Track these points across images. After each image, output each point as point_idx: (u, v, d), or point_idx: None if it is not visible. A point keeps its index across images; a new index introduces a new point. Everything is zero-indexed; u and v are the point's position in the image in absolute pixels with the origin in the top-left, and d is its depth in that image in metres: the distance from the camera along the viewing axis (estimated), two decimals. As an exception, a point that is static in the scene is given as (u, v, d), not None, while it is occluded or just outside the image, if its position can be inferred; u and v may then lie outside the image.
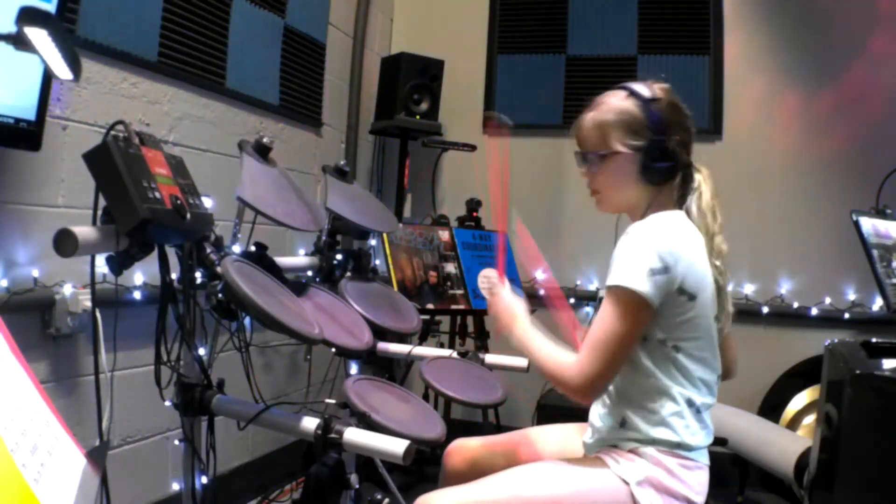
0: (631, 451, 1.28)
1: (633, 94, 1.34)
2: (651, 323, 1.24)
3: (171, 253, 1.46)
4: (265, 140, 1.80)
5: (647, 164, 1.31)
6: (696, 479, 1.27)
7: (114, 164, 1.19)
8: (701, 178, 1.37)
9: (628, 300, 1.20)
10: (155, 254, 1.38)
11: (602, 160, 1.34)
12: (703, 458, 1.30)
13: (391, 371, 2.38)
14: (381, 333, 1.86)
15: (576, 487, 1.23)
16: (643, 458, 1.26)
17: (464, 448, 1.53)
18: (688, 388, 1.27)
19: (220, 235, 1.53)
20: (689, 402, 1.27)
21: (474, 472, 1.41)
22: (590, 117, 1.37)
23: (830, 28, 3.13)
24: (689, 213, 1.34)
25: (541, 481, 1.25)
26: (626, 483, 1.23)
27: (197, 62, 2.35)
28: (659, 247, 1.22)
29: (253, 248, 1.65)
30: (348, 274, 2.01)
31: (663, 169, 1.31)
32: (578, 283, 3.39)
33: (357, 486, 1.51)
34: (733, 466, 2.64)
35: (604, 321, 1.22)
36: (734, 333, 1.44)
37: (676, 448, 1.26)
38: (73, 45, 1.17)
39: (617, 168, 1.33)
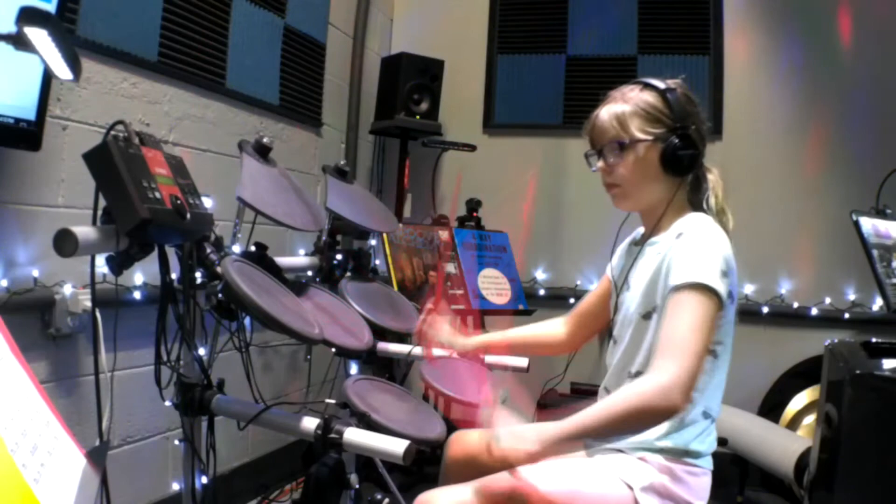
0: (639, 457, 1.28)
1: (647, 85, 1.32)
2: None
3: (171, 253, 1.46)
4: (265, 140, 1.80)
5: (669, 153, 1.27)
6: (699, 485, 1.27)
7: (114, 164, 1.19)
8: (714, 179, 1.35)
9: (707, 297, 1.15)
10: (155, 254, 1.38)
11: (622, 150, 1.30)
12: (708, 464, 1.29)
13: (391, 371, 2.38)
14: (381, 333, 1.86)
15: (578, 489, 1.22)
16: (649, 463, 1.26)
17: (465, 440, 1.52)
18: (709, 398, 1.26)
19: (220, 235, 1.53)
20: (706, 414, 1.27)
21: (474, 464, 1.40)
22: (606, 110, 1.33)
23: (830, 27, 3.14)
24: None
25: (543, 482, 1.24)
26: (630, 487, 1.23)
27: (197, 62, 2.35)
28: (723, 250, 1.21)
29: (253, 248, 1.66)
30: (348, 274, 2.02)
31: (685, 157, 1.27)
32: (578, 283, 3.39)
33: (357, 486, 1.50)
34: (733, 466, 2.64)
35: (683, 319, 1.13)
36: (735, 333, 1.42)
37: (684, 455, 1.26)
38: (73, 45, 1.17)
39: (638, 158, 1.29)
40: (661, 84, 1.31)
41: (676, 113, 1.28)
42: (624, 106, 1.31)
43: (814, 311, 3.08)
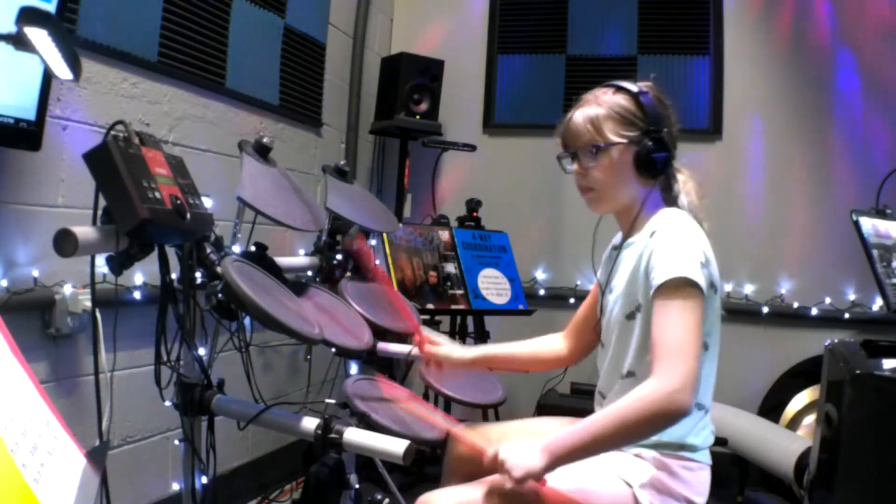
0: (635, 454, 1.28)
1: (620, 88, 1.33)
2: None
3: (171, 253, 1.46)
4: (265, 140, 1.80)
5: (643, 156, 1.29)
6: (697, 480, 1.27)
7: (114, 164, 1.19)
8: (684, 178, 1.37)
9: (691, 290, 1.15)
10: (155, 254, 1.38)
11: (596, 154, 1.31)
12: (706, 459, 1.29)
13: (391, 371, 2.38)
14: (381, 333, 1.86)
15: (577, 488, 1.22)
16: (646, 460, 1.26)
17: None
18: (701, 390, 1.26)
19: (220, 235, 1.53)
20: (699, 406, 1.27)
21: (477, 463, 1.40)
22: (580, 113, 1.35)
23: (830, 28, 3.14)
24: None
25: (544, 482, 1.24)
26: (629, 485, 1.23)
27: (197, 62, 2.35)
28: (699, 242, 1.22)
29: (253, 248, 1.66)
30: (348, 274, 2.02)
31: (659, 160, 1.29)
32: (578, 282, 3.39)
33: (357, 486, 1.50)
34: (733, 466, 2.64)
35: (675, 321, 1.13)
36: (735, 333, 1.43)
37: (680, 450, 1.26)
38: (73, 45, 1.17)
39: (612, 161, 1.31)
40: (633, 87, 1.33)
41: (650, 116, 1.30)
42: (598, 109, 1.33)
43: (814, 311, 3.08)
